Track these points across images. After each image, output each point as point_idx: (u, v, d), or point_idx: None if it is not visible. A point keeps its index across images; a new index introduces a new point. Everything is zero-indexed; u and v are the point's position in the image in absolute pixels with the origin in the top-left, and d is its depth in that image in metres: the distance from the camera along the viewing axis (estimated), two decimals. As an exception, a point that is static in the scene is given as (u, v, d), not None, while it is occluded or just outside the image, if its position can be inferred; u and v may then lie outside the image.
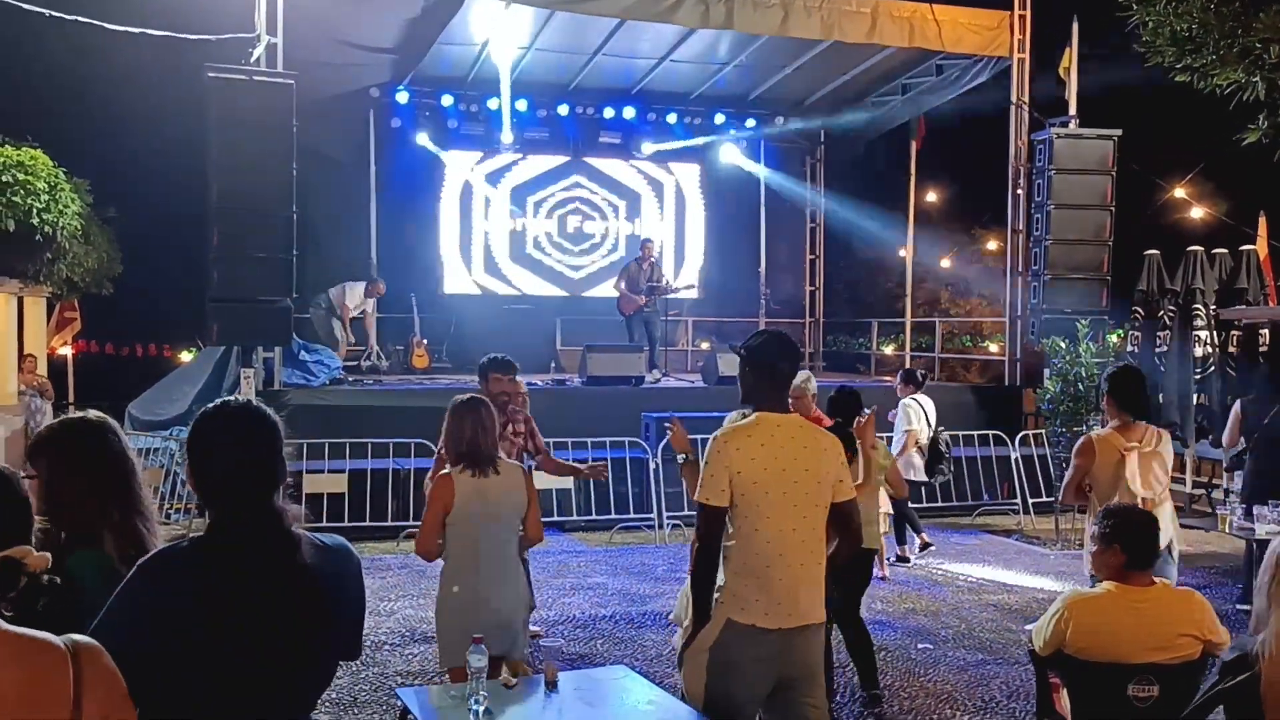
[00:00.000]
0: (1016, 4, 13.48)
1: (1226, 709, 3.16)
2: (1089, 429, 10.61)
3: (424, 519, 4.47)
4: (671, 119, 16.26)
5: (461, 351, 15.21)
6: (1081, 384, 10.71)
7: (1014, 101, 13.69)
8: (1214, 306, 11.28)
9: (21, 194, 11.85)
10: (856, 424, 5.51)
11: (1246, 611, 3.45)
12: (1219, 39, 7.06)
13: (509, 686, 3.71)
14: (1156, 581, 3.72)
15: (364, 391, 12.38)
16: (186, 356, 19.04)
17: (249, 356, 11.13)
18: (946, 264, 26.73)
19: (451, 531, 4.40)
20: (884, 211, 20.17)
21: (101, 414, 2.63)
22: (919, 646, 6.85)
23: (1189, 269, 11.43)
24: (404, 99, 14.98)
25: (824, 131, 17.67)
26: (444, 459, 4.73)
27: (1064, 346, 11.07)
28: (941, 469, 9.12)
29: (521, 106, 15.38)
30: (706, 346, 16.07)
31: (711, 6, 11.97)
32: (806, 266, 18.31)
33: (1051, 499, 10.96)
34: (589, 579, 8.63)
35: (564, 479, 9.64)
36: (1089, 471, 5.21)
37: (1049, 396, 11.01)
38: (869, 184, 18.61)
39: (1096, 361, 10.76)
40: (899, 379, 9.57)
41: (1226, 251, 11.63)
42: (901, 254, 19.33)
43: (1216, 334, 11.24)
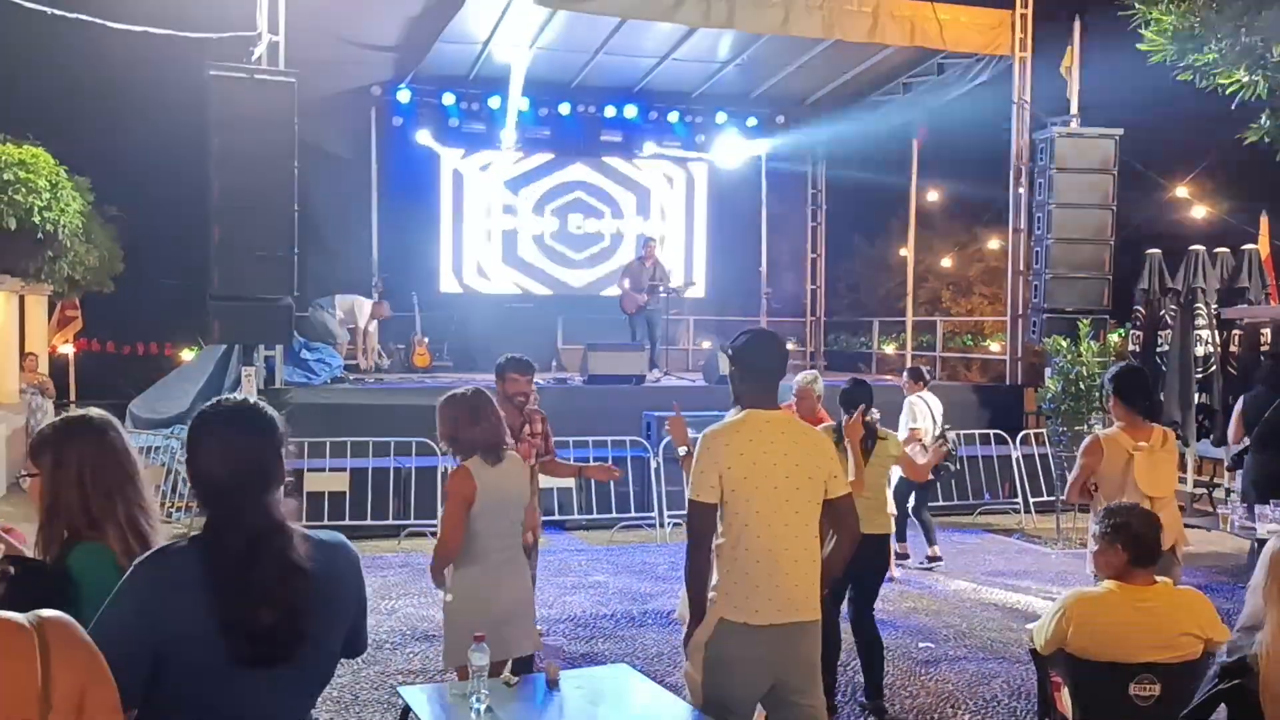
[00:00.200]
0: (1018, 3, 13.46)
1: (1226, 710, 3.16)
2: (1090, 428, 10.62)
3: (446, 515, 4.27)
4: (673, 118, 16.26)
5: (463, 350, 15.23)
6: (1083, 383, 10.70)
7: (1015, 100, 13.69)
8: (1215, 306, 11.28)
9: (23, 192, 11.87)
10: (845, 422, 5.45)
11: None
12: (1221, 38, 7.07)
13: (510, 685, 3.72)
14: (1158, 580, 3.72)
15: (365, 390, 12.39)
16: (188, 355, 19.04)
17: (250, 355, 11.13)
18: (948, 263, 26.74)
19: (468, 525, 4.26)
20: (885, 210, 20.19)
21: (103, 411, 2.63)
22: (920, 645, 6.85)
23: (1190, 268, 11.43)
24: (405, 97, 14.98)
25: (825, 130, 17.64)
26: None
27: (1065, 345, 11.06)
28: (947, 465, 9.03)
29: (523, 105, 15.38)
30: (708, 345, 16.07)
31: (713, 5, 11.96)
32: (808, 265, 18.29)
33: (1053, 498, 10.96)
34: (590, 577, 8.63)
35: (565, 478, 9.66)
36: (1095, 471, 5.17)
37: (1050, 395, 11.00)
38: (870, 183, 18.60)
39: (1098, 361, 10.76)
40: (905, 377, 9.55)
41: (1228, 251, 11.62)
42: (903, 253, 19.34)
43: (1218, 333, 11.24)
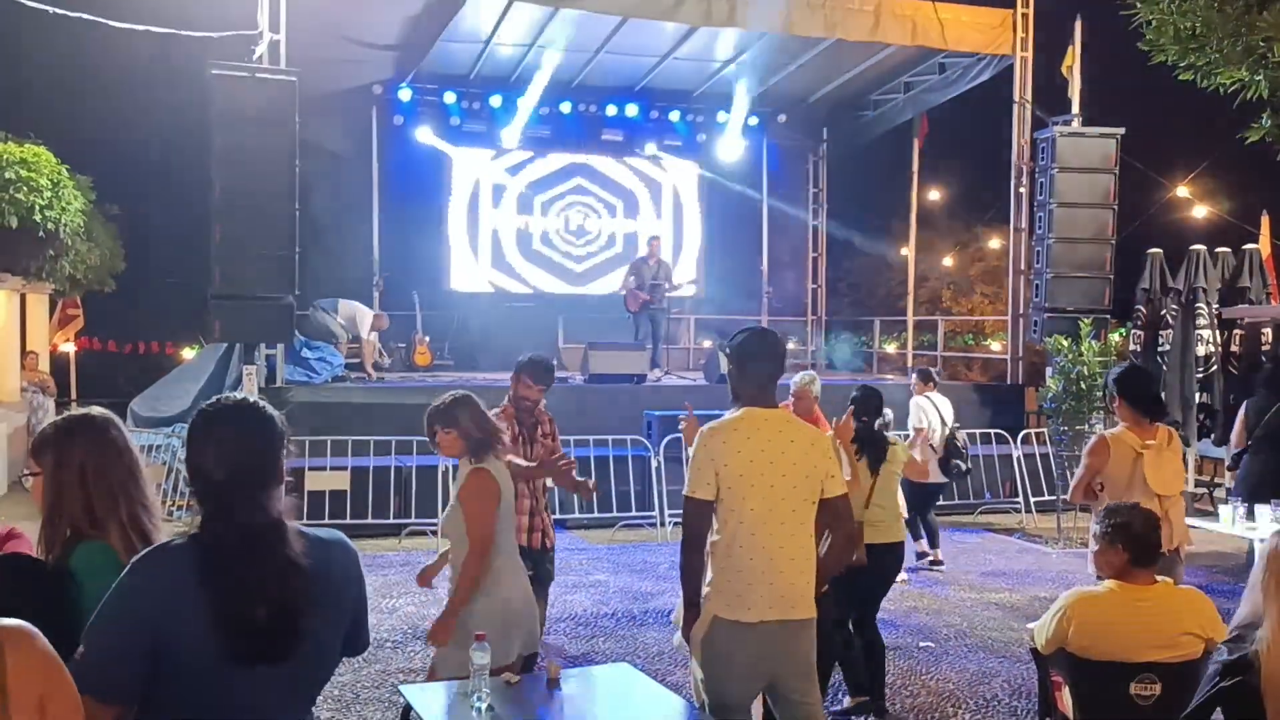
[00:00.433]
0: (1019, 2, 13.47)
1: (1226, 709, 3.16)
2: (1091, 428, 10.62)
3: (481, 515, 4.10)
4: (674, 117, 16.26)
5: (464, 349, 15.24)
6: (1083, 383, 10.69)
7: (1016, 100, 13.69)
8: (1216, 305, 11.28)
9: (24, 191, 11.88)
10: (835, 423, 5.45)
11: None
12: (1222, 37, 7.07)
13: (511, 684, 3.72)
14: (1159, 580, 3.72)
15: (366, 389, 12.39)
16: (189, 353, 19.06)
17: (251, 354, 11.14)
18: (949, 262, 26.75)
19: None
20: (886, 210, 20.20)
21: (104, 410, 2.63)
22: (921, 645, 6.85)
23: (1191, 268, 11.43)
24: (406, 96, 14.98)
25: (826, 129, 17.68)
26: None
27: (1066, 345, 11.05)
28: (957, 465, 8.93)
29: (532, 104, 15.38)
30: (708, 345, 16.07)
31: (714, 4, 11.97)
32: (809, 264, 18.29)
33: (1053, 498, 10.96)
34: (591, 576, 8.63)
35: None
36: (1101, 471, 5.14)
37: (1051, 395, 10.99)
38: (871, 182, 18.63)
39: (1099, 360, 10.75)
40: (914, 378, 9.48)
41: (1229, 250, 11.62)
42: (904, 252, 19.33)
43: (1219, 333, 11.24)
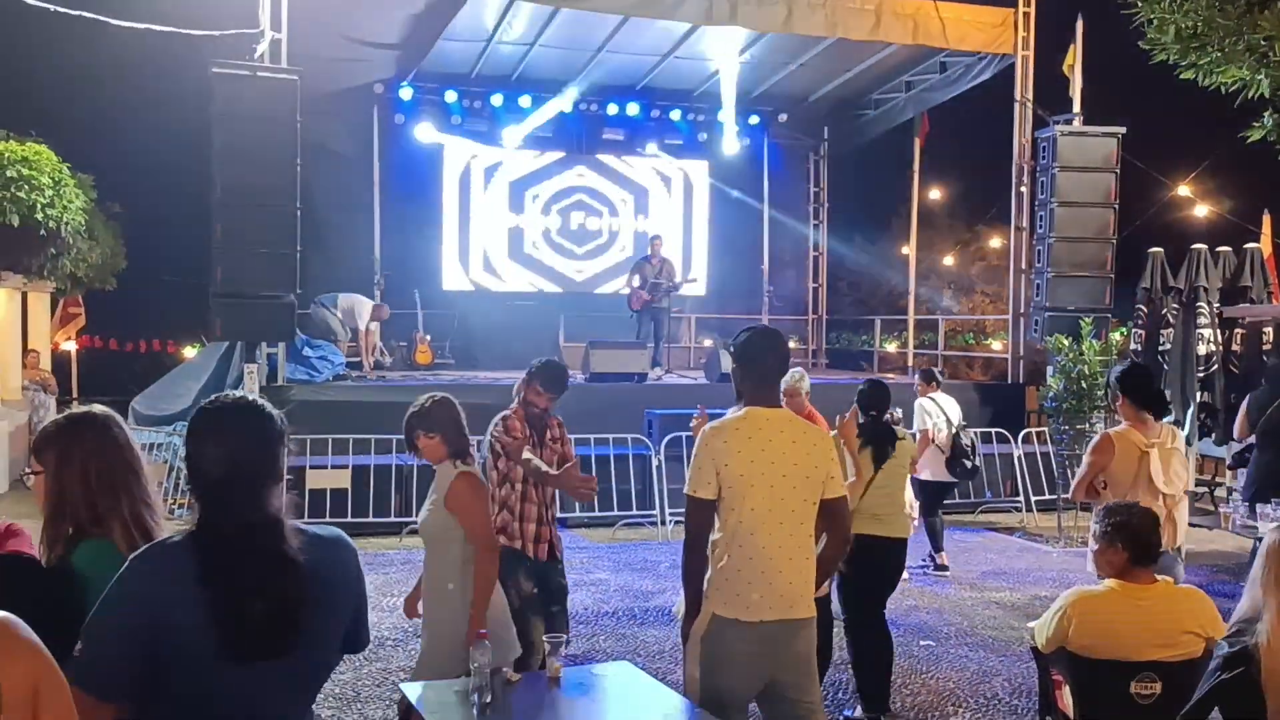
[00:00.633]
0: (1020, 1, 13.46)
1: (1225, 705, 3.16)
2: (1092, 427, 10.62)
3: (485, 520, 4.25)
4: (675, 116, 16.27)
5: (465, 347, 15.25)
6: (1084, 381, 10.69)
7: (1018, 99, 13.68)
8: (1217, 304, 11.28)
9: (26, 189, 11.89)
10: (838, 422, 5.42)
11: None
12: (1223, 36, 7.06)
13: (511, 682, 3.72)
14: (1159, 579, 3.72)
15: (367, 387, 12.39)
16: (190, 352, 19.09)
17: (253, 352, 11.15)
18: (950, 261, 26.75)
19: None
20: (887, 209, 20.20)
21: (105, 408, 2.64)
22: (921, 643, 6.85)
23: (1192, 267, 11.42)
24: (408, 95, 14.99)
25: (827, 128, 17.68)
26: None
27: (1067, 344, 11.05)
28: (964, 464, 8.83)
29: (525, 103, 15.40)
30: (709, 343, 16.07)
31: (715, 3, 11.96)
32: (810, 263, 18.29)
33: (1054, 497, 10.96)
34: (591, 575, 8.64)
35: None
36: (1104, 469, 5.12)
37: (1052, 394, 11.00)
38: (872, 181, 18.63)
39: (1100, 359, 10.75)
40: (917, 378, 9.44)
41: (1230, 249, 11.61)
42: (905, 251, 19.33)
43: (1220, 332, 11.23)
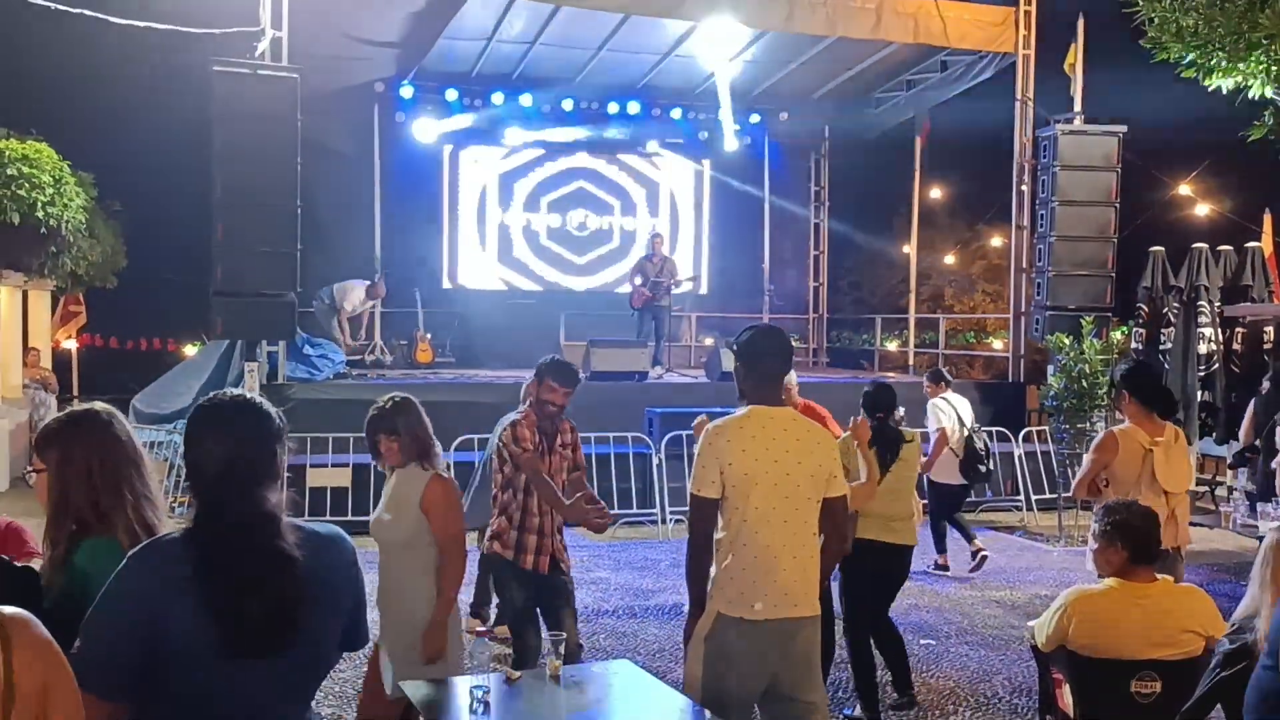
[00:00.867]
0: (1021, 0, 13.45)
1: (1226, 701, 3.17)
2: (1092, 426, 10.62)
3: (458, 525, 4.42)
4: (675, 115, 16.24)
5: (465, 346, 15.24)
6: (1085, 380, 10.69)
7: (1019, 97, 13.67)
8: (1218, 303, 11.28)
9: (26, 187, 11.88)
10: (852, 423, 5.41)
11: None
12: (1224, 35, 7.06)
13: (511, 680, 3.73)
14: (1159, 578, 3.72)
15: (367, 386, 12.38)
16: (191, 350, 19.10)
17: (253, 350, 11.15)
18: (951, 260, 26.74)
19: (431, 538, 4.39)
20: (888, 207, 20.19)
21: (107, 405, 2.64)
22: (921, 642, 6.85)
23: (1193, 266, 11.43)
24: (408, 93, 14.97)
25: (828, 127, 17.66)
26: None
27: (1068, 343, 11.05)
28: (980, 468, 8.68)
29: (526, 102, 15.40)
30: (710, 342, 16.06)
31: (716, 2, 11.95)
32: (810, 262, 18.28)
33: (1055, 495, 10.95)
34: (592, 574, 8.63)
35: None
36: (1108, 467, 5.10)
37: (1053, 393, 10.99)
38: (873, 180, 18.61)
39: (1100, 358, 10.75)
40: (926, 379, 9.34)
41: (1231, 248, 11.62)
42: (905, 250, 19.31)
43: (1221, 331, 11.23)
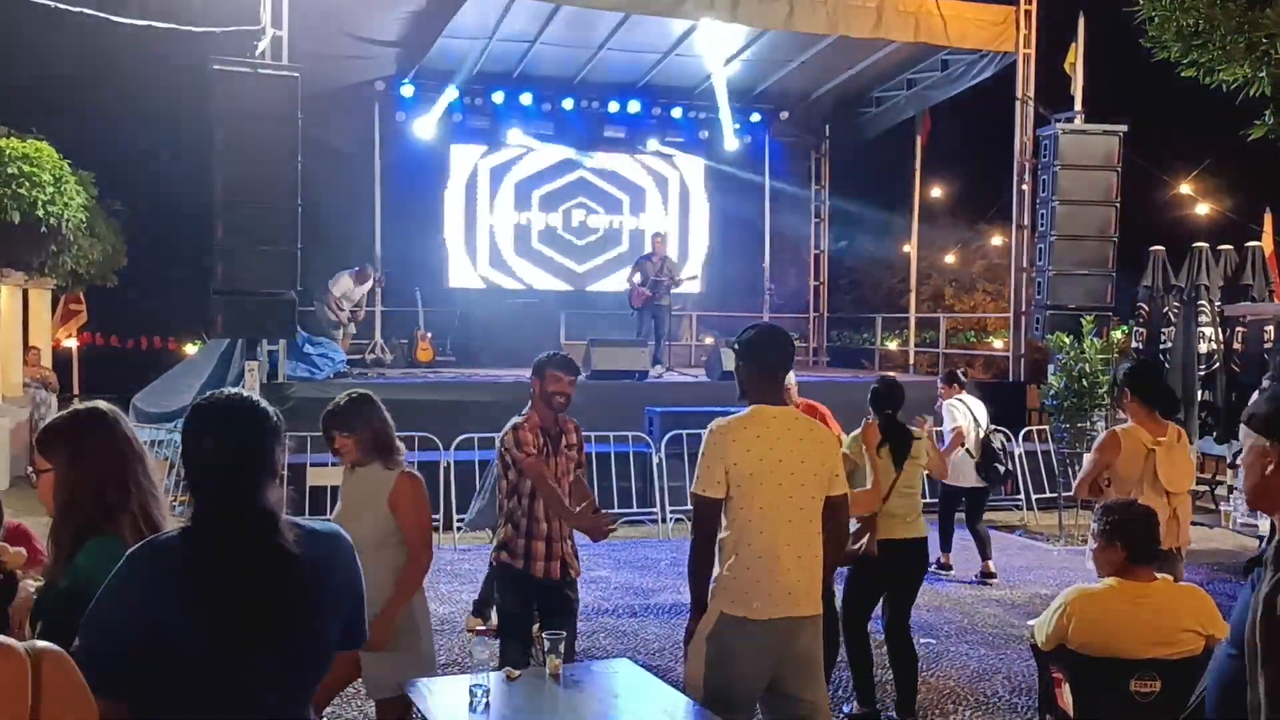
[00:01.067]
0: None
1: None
2: (1093, 425, 10.62)
3: (427, 525, 4.15)
4: (676, 113, 16.25)
5: (466, 345, 15.24)
6: (1085, 380, 10.69)
7: (1019, 97, 13.66)
8: (1219, 303, 11.28)
9: (27, 186, 11.86)
10: (863, 425, 5.40)
11: None
12: (1224, 34, 7.05)
13: (512, 679, 3.73)
14: (1158, 577, 3.72)
15: (368, 385, 12.33)
16: (191, 349, 19.11)
17: (253, 349, 11.16)
18: (951, 259, 26.73)
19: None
20: (888, 207, 20.17)
21: (110, 404, 2.63)
22: (921, 641, 6.83)
23: (1194, 265, 11.44)
24: (409, 92, 14.98)
25: (829, 126, 17.67)
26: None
27: (1068, 342, 11.05)
28: (998, 469, 8.60)
29: (527, 100, 15.40)
30: (710, 341, 16.06)
31: (717, 1, 11.95)
32: (811, 261, 18.28)
33: (1055, 495, 10.96)
34: (592, 573, 8.62)
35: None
36: (1110, 465, 5.11)
37: (1053, 392, 10.99)
38: (873, 179, 18.62)
39: (1101, 358, 10.75)
40: (940, 381, 9.32)
41: (1232, 248, 11.62)
42: (906, 249, 19.31)
43: (1221, 331, 11.24)
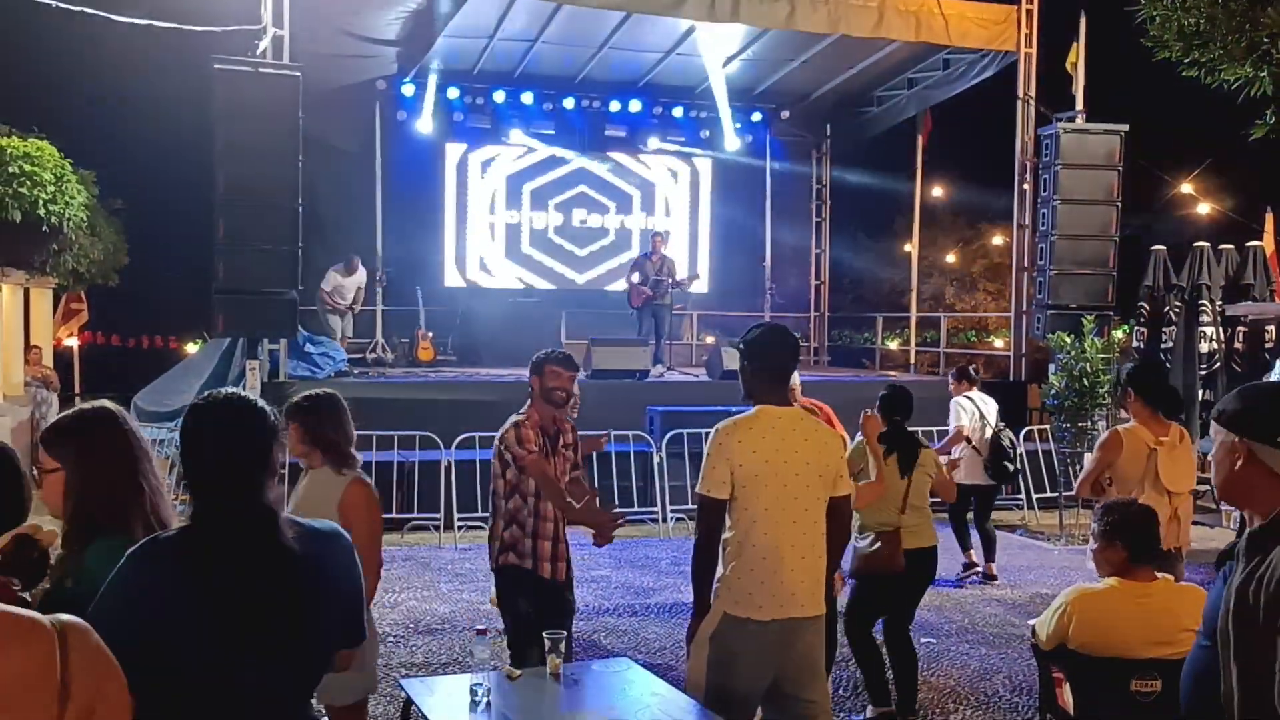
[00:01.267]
0: (1023, -1, 13.45)
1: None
2: (1094, 425, 10.62)
3: (378, 538, 3.91)
4: (677, 113, 16.25)
5: (467, 344, 15.24)
6: (1086, 379, 10.69)
7: (1020, 96, 13.65)
8: (1220, 303, 11.28)
9: (28, 185, 11.86)
10: (862, 417, 5.40)
11: None
12: (1226, 34, 7.05)
13: (513, 678, 3.73)
14: (1159, 577, 3.72)
15: (369, 384, 12.39)
16: (192, 348, 19.10)
17: (254, 348, 11.16)
18: (952, 259, 26.75)
19: None
20: (889, 206, 20.19)
21: (113, 403, 2.63)
22: (922, 641, 6.84)
23: (1195, 265, 11.44)
24: (410, 91, 14.98)
25: (829, 126, 17.66)
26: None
27: (1069, 342, 11.05)
28: (1007, 467, 8.59)
29: (528, 100, 15.40)
30: (711, 341, 16.06)
31: (717, 1, 11.95)
32: (812, 261, 18.28)
33: (1056, 494, 10.96)
34: (593, 572, 8.63)
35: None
36: (1112, 465, 5.11)
37: (1054, 392, 10.99)
38: (874, 179, 18.61)
39: (1102, 357, 10.75)
40: (951, 376, 9.31)
41: (1233, 247, 11.62)
42: (907, 248, 19.32)
43: (1222, 330, 11.23)
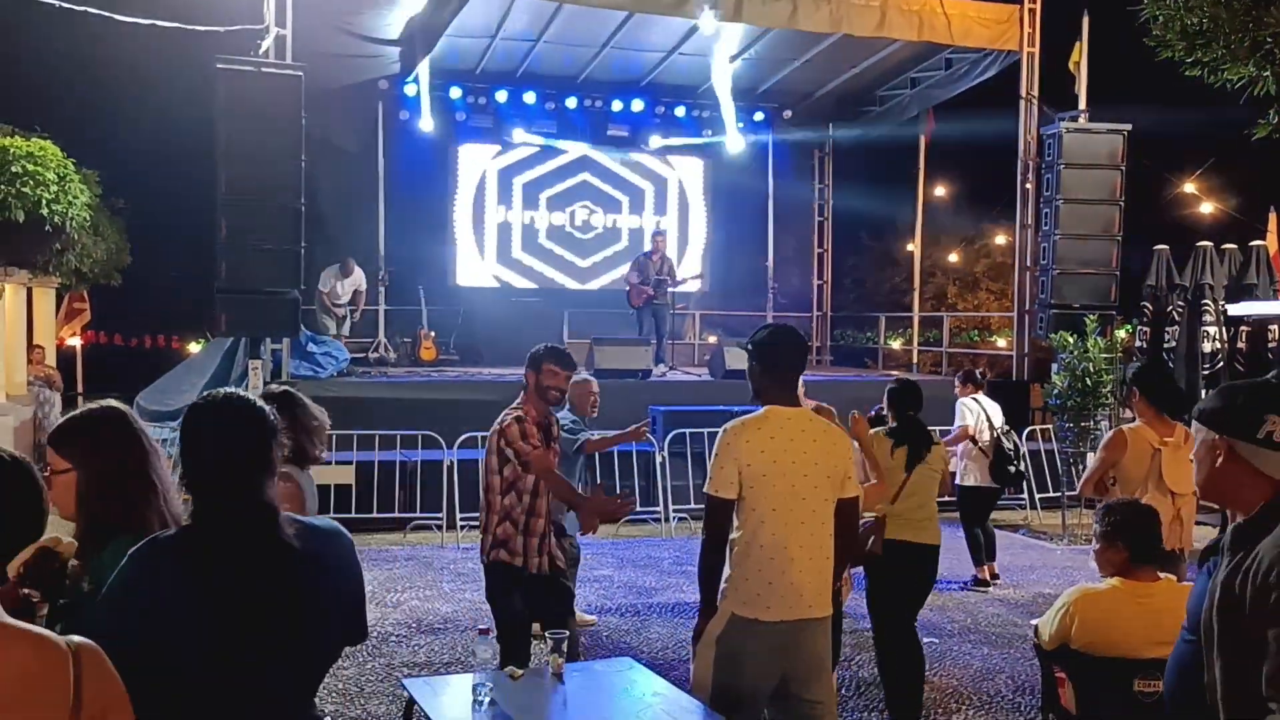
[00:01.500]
0: (1026, -2, 13.43)
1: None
2: (1096, 424, 10.61)
3: None
4: (679, 112, 16.24)
5: (469, 344, 15.24)
6: (1089, 379, 10.68)
7: (1023, 95, 13.64)
8: (1223, 302, 11.26)
9: (31, 185, 11.87)
10: (851, 419, 5.39)
11: None
12: (1229, 33, 7.03)
13: (514, 678, 3.73)
14: (1161, 577, 3.72)
15: (371, 383, 12.40)
16: (195, 347, 19.11)
17: (257, 348, 11.17)
18: (955, 258, 26.73)
19: None
20: (892, 206, 20.17)
21: (119, 402, 2.63)
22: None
23: (1198, 264, 11.42)
24: (412, 91, 14.96)
25: (832, 125, 17.63)
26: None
27: (1072, 341, 11.04)
28: (1010, 469, 8.50)
29: (530, 99, 15.40)
30: (714, 340, 16.06)
31: (719, 0, 11.93)
32: (814, 260, 18.28)
33: (1059, 494, 10.95)
34: (595, 572, 8.64)
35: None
36: (1116, 464, 5.12)
37: (1056, 391, 10.98)
38: (877, 178, 18.60)
39: (1104, 357, 10.74)
40: (957, 379, 9.28)
41: (1236, 247, 11.60)
42: (909, 248, 19.31)
43: (1225, 330, 11.22)
